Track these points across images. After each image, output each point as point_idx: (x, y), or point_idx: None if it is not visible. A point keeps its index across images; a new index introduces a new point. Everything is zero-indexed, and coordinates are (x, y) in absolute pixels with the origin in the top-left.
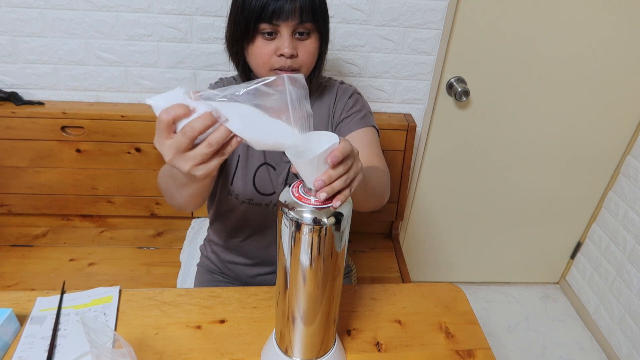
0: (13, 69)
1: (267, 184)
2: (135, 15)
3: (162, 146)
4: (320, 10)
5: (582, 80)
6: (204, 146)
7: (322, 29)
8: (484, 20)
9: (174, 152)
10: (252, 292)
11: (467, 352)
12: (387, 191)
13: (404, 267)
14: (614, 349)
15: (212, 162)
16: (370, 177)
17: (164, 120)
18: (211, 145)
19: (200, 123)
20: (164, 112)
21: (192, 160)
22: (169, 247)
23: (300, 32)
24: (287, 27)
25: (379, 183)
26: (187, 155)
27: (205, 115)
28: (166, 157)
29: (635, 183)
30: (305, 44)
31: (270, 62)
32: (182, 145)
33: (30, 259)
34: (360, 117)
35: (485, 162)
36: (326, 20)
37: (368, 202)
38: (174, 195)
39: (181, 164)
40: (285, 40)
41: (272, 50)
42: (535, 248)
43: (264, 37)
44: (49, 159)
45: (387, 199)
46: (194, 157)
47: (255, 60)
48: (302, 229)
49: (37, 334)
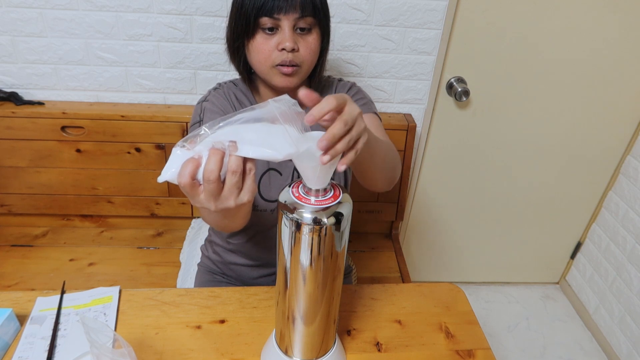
0: (13, 69)
1: (271, 190)
2: (135, 15)
3: (200, 203)
4: (322, 5)
5: (582, 80)
6: (230, 177)
7: (324, 24)
8: (484, 20)
9: (213, 200)
10: (252, 292)
11: (467, 352)
12: (399, 164)
13: (404, 267)
14: (614, 349)
15: (248, 185)
16: (378, 146)
17: (185, 183)
18: (235, 172)
19: (213, 163)
20: (179, 177)
21: (231, 196)
22: (169, 247)
23: (301, 27)
24: (288, 20)
25: (389, 151)
26: (224, 195)
27: (212, 154)
28: (212, 209)
29: (635, 183)
30: (306, 40)
31: (271, 58)
32: (214, 191)
33: (30, 259)
34: (360, 105)
35: (485, 162)
36: (327, 17)
37: (381, 174)
38: (227, 224)
39: (226, 204)
40: (286, 33)
41: (273, 45)
42: (535, 248)
43: (265, 32)
44: (49, 159)
45: (399, 174)
46: (231, 192)
47: (256, 56)
48: (302, 229)
49: (37, 334)
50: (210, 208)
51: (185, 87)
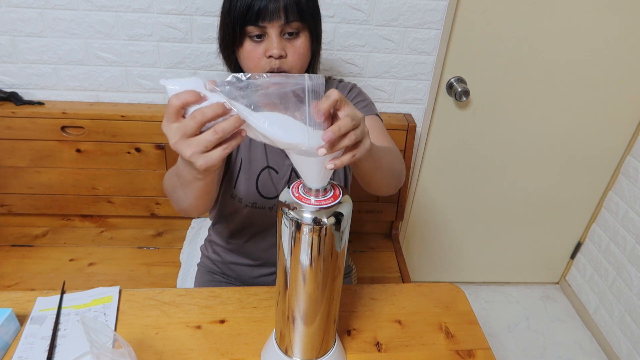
0: (13, 69)
1: (270, 188)
2: (135, 15)
3: (168, 129)
4: (308, 8)
5: (582, 80)
6: (209, 133)
7: (312, 27)
8: (484, 20)
9: (179, 135)
10: (252, 292)
11: (467, 352)
12: (403, 168)
13: (404, 267)
14: (614, 349)
15: (214, 153)
16: (384, 154)
17: (173, 104)
18: (217, 132)
19: (211, 110)
20: (175, 96)
21: (195, 147)
22: (169, 247)
23: (289, 32)
24: (274, 28)
25: (394, 159)
26: (192, 140)
27: (217, 104)
28: (171, 141)
29: (635, 183)
30: (294, 44)
31: (260, 65)
32: (189, 129)
33: (30, 259)
34: (362, 107)
35: (485, 162)
36: (316, 18)
37: (387, 182)
38: (180, 197)
39: (184, 148)
40: (273, 41)
41: (262, 52)
42: (535, 248)
43: (253, 40)
44: (49, 159)
45: (404, 179)
46: (198, 143)
47: (246, 63)
48: (302, 229)
49: (37, 334)
50: (170, 139)
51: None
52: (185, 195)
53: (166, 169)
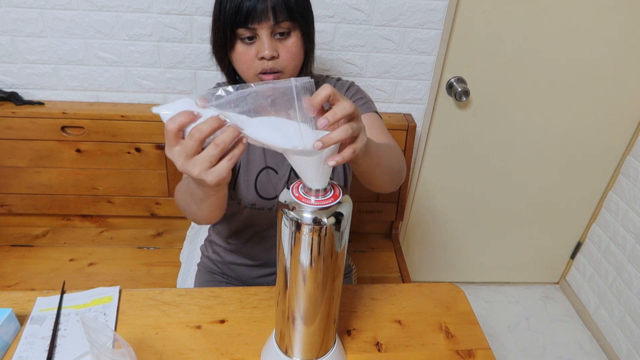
0: (13, 69)
1: (269, 188)
2: (135, 15)
3: (172, 154)
4: (297, 7)
5: (582, 80)
6: (211, 147)
7: (303, 26)
8: (484, 20)
9: (183, 157)
10: (252, 292)
11: (467, 352)
12: (404, 165)
13: (404, 267)
14: (614, 349)
15: (220, 166)
16: (384, 151)
17: (170, 128)
18: (217, 145)
19: (207, 125)
20: (170, 120)
21: (200, 164)
22: (169, 247)
23: (280, 32)
24: (264, 29)
25: (394, 156)
26: (196, 159)
27: (212, 118)
28: (177, 164)
29: (635, 183)
30: (286, 44)
31: (253, 67)
32: (190, 148)
33: (30, 259)
34: (360, 105)
35: (485, 162)
36: (307, 17)
37: (387, 179)
38: (195, 211)
39: (190, 168)
40: (264, 42)
41: (253, 54)
42: (535, 248)
43: (244, 42)
44: (49, 159)
45: (405, 175)
46: (203, 160)
47: (239, 66)
48: (302, 229)
49: (37, 334)
50: (176, 163)
51: (185, 87)
52: (201, 210)
53: (166, 169)
